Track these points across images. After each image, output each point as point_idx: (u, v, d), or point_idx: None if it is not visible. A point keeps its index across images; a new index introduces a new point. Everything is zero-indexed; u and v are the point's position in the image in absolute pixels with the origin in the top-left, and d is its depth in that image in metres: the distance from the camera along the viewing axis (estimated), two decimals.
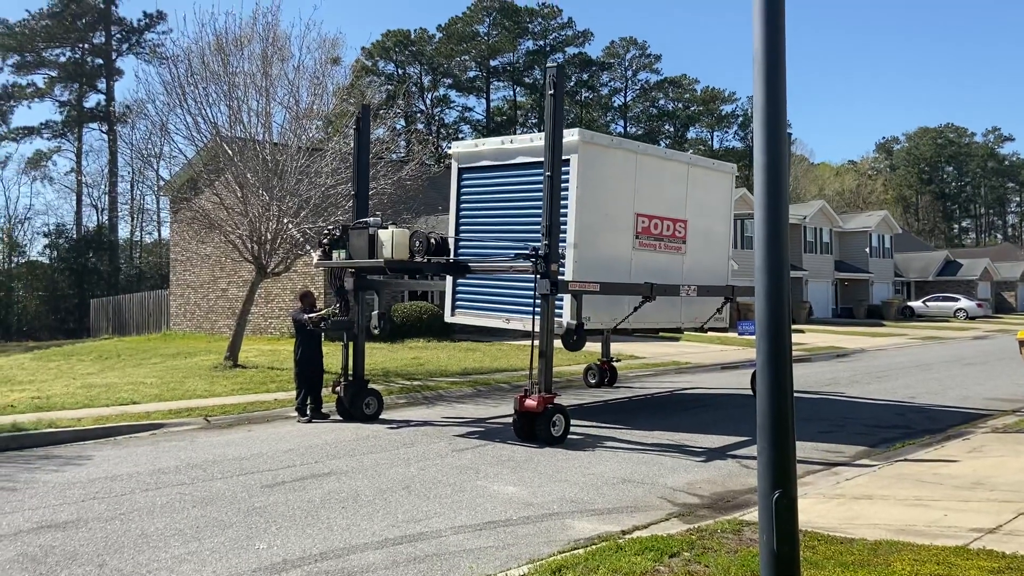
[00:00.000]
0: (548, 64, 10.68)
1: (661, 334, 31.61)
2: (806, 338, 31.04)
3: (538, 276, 10.22)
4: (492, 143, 13.32)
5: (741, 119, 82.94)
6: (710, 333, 15.23)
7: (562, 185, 10.89)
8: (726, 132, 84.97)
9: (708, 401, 15.30)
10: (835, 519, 6.59)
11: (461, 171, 13.47)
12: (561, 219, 10.88)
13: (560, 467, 8.87)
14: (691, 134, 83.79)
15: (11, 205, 61.32)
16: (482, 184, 13.16)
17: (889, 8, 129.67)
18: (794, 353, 4.35)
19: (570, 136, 11.50)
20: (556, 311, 10.81)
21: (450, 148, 14.17)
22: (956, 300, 52.10)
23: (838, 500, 7.34)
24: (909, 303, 53.54)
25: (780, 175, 4.07)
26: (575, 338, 10.89)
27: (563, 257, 11.16)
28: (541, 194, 10.51)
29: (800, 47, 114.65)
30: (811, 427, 11.37)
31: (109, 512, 7.04)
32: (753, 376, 15.33)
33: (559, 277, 10.43)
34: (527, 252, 10.28)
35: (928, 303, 52.63)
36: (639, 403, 15.02)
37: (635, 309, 12.44)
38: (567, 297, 11.34)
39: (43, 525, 6.63)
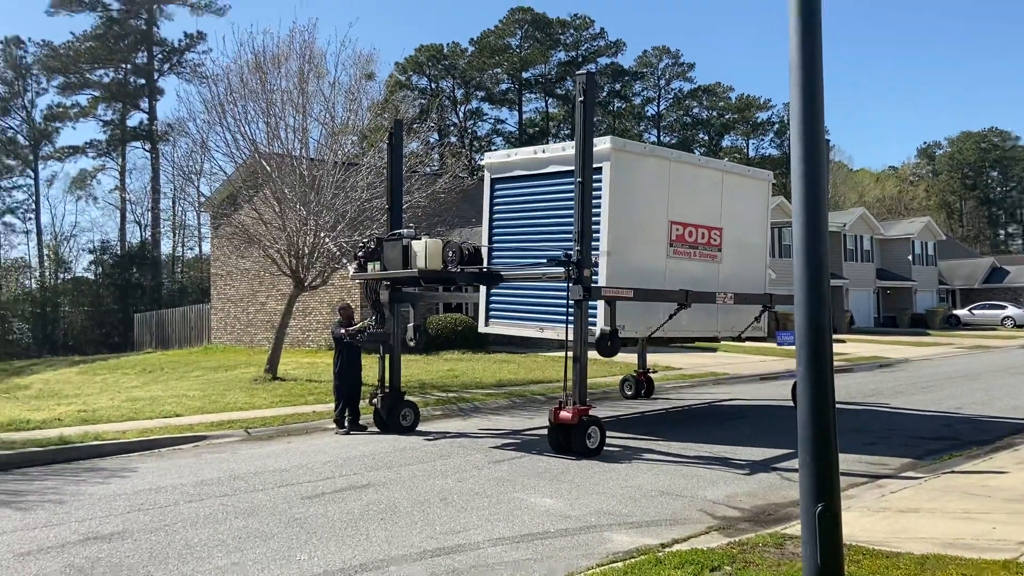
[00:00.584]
0: (578, 72, 10.69)
1: (698, 344, 31.33)
2: (848, 348, 30.52)
3: (571, 282, 10.20)
4: (524, 153, 13.36)
5: (777, 126, 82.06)
6: (748, 343, 15.14)
7: (595, 193, 10.87)
8: (762, 140, 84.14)
9: (747, 412, 15.11)
10: (880, 533, 6.45)
11: (494, 182, 13.52)
12: (594, 227, 10.85)
13: (597, 479, 8.82)
14: (726, 142, 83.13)
15: (57, 222, 63.28)
16: (515, 194, 13.20)
17: (929, 10, 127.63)
18: (835, 363, 4.28)
19: (602, 144, 11.49)
20: (590, 319, 10.75)
21: (483, 159, 14.23)
22: (1003, 308, 50.79)
23: (883, 513, 7.19)
24: (954, 311, 52.33)
25: (818, 183, 4.02)
26: (609, 344, 10.79)
27: (596, 265, 11.11)
28: (572, 203, 10.52)
29: (837, 50, 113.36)
30: (854, 439, 11.16)
31: (154, 523, 7.16)
32: (794, 387, 15.04)
33: (592, 283, 10.39)
34: (559, 258, 10.27)
35: (974, 311, 51.39)
36: (676, 415, 14.89)
37: (670, 317, 12.30)
38: (601, 304, 11.30)
39: (89, 537, 6.76)
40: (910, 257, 51.66)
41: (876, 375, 22.16)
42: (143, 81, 63.38)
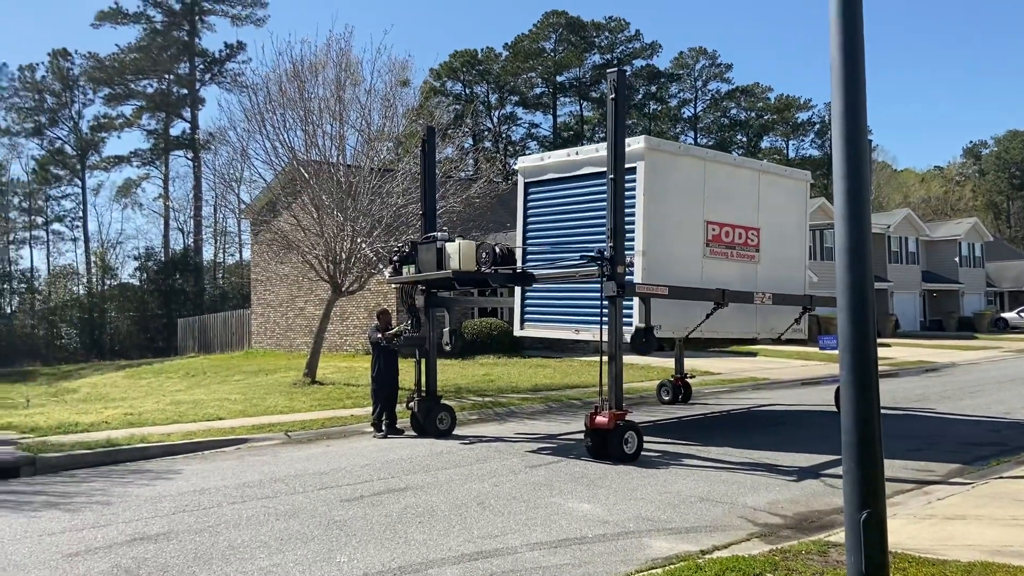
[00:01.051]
0: (609, 70, 10.67)
1: (737, 349, 30.97)
2: (892, 352, 29.93)
3: (604, 279, 10.15)
4: (558, 156, 13.34)
5: (818, 126, 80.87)
6: (790, 348, 14.93)
7: (629, 192, 10.81)
8: (802, 140, 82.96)
9: (788, 418, 14.89)
10: (926, 540, 6.31)
11: (527, 186, 13.52)
12: (629, 226, 10.78)
13: (635, 485, 8.76)
14: (765, 143, 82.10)
15: (104, 230, 64.64)
16: (548, 197, 13.18)
17: (976, 5, 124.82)
18: (880, 368, 4.20)
19: (636, 143, 11.43)
20: (624, 318, 10.65)
21: (516, 164, 14.23)
22: None
23: (929, 520, 7.04)
24: (1002, 314, 51.00)
25: (861, 184, 3.96)
26: (644, 340, 10.68)
27: (631, 265, 11.04)
28: (606, 204, 10.49)
29: (879, 47, 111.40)
30: (899, 444, 10.93)
31: (198, 525, 7.28)
32: (837, 392, 14.79)
33: (626, 279, 10.32)
34: (592, 254, 10.21)
35: (1023, 314, 50.05)
36: (715, 420, 14.73)
37: (707, 317, 12.16)
38: (636, 303, 11.23)
39: (136, 538, 6.90)
40: (957, 259, 50.50)
41: (922, 380, 21.69)
42: (185, 91, 64.70)
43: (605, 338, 10.21)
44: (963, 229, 51.82)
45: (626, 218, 10.52)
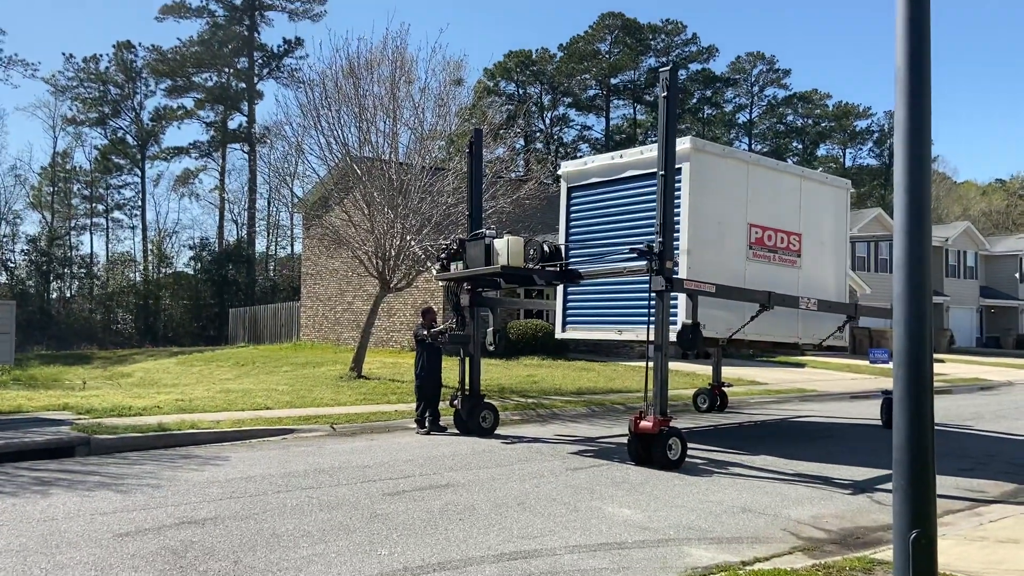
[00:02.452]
0: (661, 68, 10.65)
1: (783, 359, 30.47)
2: (947, 368, 29.14)
3: (653, 273, 10.09)
4: (601, 160, 13.32)
5: (877, 135, 79.06)
6: (838, 360, 14.65)
7: (675, 192, 10.77)
8: (860, 148, 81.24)
9: (835, 431, 14.61)
10: (977, 563, 6.14)
11: (570, 190, 13.52)
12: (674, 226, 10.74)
13: (677, 492, 8.69)
14: (821, 151, 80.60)
15: (161, 219, 66.36)
16: (591, 201, 13.17)
17: None
18: (934, 384, 4.10)
19: (682, 144, 11.35)
20: (670, 316, 10.60)
21: (560, 169, 14.25)
22: None
23: (981, 543, 6.84)
24: None
25: (923, 198, 3.87)
26: (691, 336, 10.59)
27: (676, 264, 10.98)
28: (651, 206, 10.52)
29: (942, 55, 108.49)
30: (951, 463, 10.65)
31: (244, 511, 7.44)
32: (883, 405, 14.51)
33: (674, 274, 10.26)
34: (642, 248, 10.16)
35: None
36: (760, 429, 14.52)
37: (752, 319, 12.06)
38: (682, 300, 11.15)
39: (184, 521, 7.07)
40: (1017, 275, 48.93)
41: (977, 397, 21.07)
42: (243, 85, 66.03)
43: (651, 336, 10.15)
44: None
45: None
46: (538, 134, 71.97)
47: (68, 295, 60.20)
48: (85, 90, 63.68)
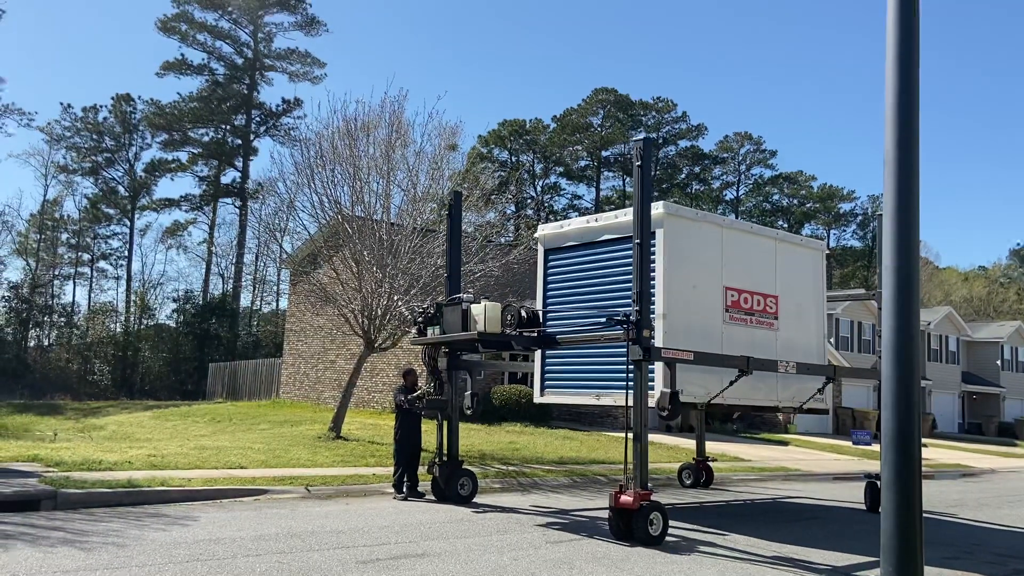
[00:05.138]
0: (635, 138, 10.82)
1: (767, 436, 30.29)
2: (929, 453, 28.99)
3: (630, 342, 10.02)
4: (578, 223, 13.40)
5: (860, 218, 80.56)
6: (822, 440, 14.58)
7: (650, 259, 10.81)
8: (844, 230, 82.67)
9: (819, 513, 14.41)
10: None
11: (547, 252, 13.55)
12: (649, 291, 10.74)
13: (658, 570, 8.47)
14: (806, 231, 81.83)
15: (146, 270, 66.09)
16: (568, 264, 13.19)
17: None
18: None
19: (656, 209, 11.41)
20: (648, 383, 10.50)
21: (537, 232, 14.28)
22: None
23: None
24: None
25: (911, 282, 3.89)
26: (669, 404, 10.46)
27: (652, 330, 10.93)
28: (626, 270, 10.55)
29: (926, 141, 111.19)
30: (934, 551, 10.47)
31: (210, 575, 7.17)
32: (866, 489, 14.35)
33: (651, 343, 10.20)
34: (619, 318, 10.12)
35: None
36: (742, 508, 14.30)
37: (731, 384, 11.96)
38: (659, 369, 11.06)
39: None
40: (999, 362, 49.31)
41: (959, 484, 20.92)
42: (239, 141, 66.71)
43: (629, 402, 10.04)
44: (1006, 332, 50.71)
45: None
46: (529, 201, 72.81)
47: (46, 343, 59.41)
48: (80, 139, 64.12)
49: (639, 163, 10.36)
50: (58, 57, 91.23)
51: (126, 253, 64.60)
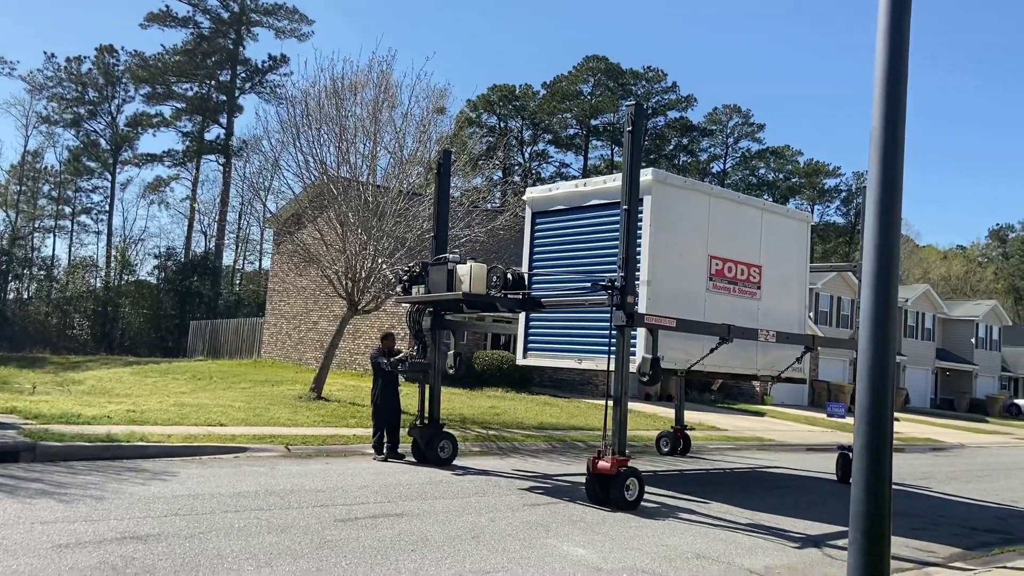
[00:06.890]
0: (626, 103, 10.76)
1: (743, 407, 30.68)
2: (901, 427, 29.42)
3: (614, 308, 10.09)
4: (566, 187, 13.37)
5: (844, 194, 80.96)
6: (797, 412, 14.81)
7: (636, 223, 10.84)
8: (828, 206, 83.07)
9: (791, 482, 14.68)
10: None
11: (535, 216, 13.54)
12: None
13: (632, 534, 8.63)
14: (791, 205, 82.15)
15: (128, 225, 65.09)
16: (555, 228, 13.19)
17: (1012, 92, 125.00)
18: None
19: (644, 176, 11.41)
20: (630, 349, 10.60)
21: (525, 194, 14.25)
22: None
23: None
24: (1015, 400, 50.37)
25: (891, 258, 3.94)
26: (650, 370, 10.58)
27: (636, 296, 10.99)
28: (613, 235, 10.56)
29: (911, 121, 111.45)
30: (902, 522, 10.71)
31: (189, 529, 7.23)
32: (838, 460, 14.63)
33: (635, 309, 10.28)
34: (603, 283, 10.18)
35: None
36: (718, 477, 14.54)
37: (711, 351, 12.10)
38: (641, 334, 11.15)
39: (126, 536, 6.85)
40: (973, 340, 50.08)
41: (929, 458, 21.36)
42: (224, 97, 65.77)
43: (611, 367, 10.14)
44: (982, 311, 51.43)
45: None
46: (516, 167, 72.51)
47: (26, 296, 58.83)
48: (63, 90, 62.97)
49: (630, 128, 10.34)
50: (41, 4, 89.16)
51: (107, 207, 63.95)
